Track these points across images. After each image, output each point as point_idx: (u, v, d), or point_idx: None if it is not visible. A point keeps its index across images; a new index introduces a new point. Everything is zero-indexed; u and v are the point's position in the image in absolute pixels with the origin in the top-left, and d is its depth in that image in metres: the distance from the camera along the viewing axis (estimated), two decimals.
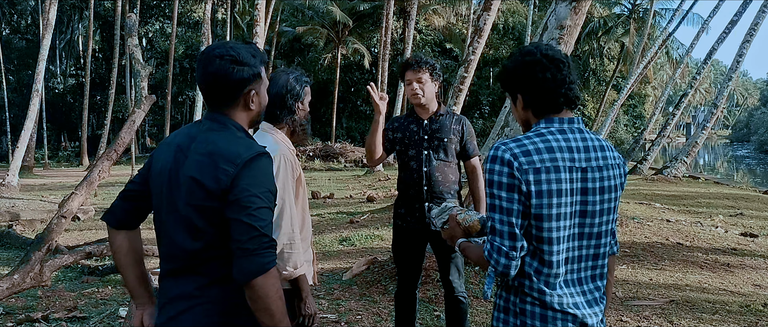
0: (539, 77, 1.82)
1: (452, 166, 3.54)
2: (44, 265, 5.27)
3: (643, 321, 4.58)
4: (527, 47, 1.89)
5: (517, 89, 1.89)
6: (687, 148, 19.61)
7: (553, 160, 1.77)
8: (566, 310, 1.79)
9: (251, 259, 1.67)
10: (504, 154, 1.77)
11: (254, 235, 1.68)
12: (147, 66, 5.62)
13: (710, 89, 69.98)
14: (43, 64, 16.58)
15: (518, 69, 1.86)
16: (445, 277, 3.56)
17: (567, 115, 1.86)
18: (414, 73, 3.49)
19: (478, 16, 8.11)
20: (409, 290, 3.64)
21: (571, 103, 1.86)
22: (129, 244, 1.97)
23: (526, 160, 1.76)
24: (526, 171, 1.75)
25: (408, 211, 3.55)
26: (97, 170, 5.31)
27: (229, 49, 1.83)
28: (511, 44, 37.03)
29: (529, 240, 1.79)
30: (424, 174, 3.48)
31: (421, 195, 3.48)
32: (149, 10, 38.69)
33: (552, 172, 1.76)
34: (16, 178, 15.73)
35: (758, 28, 16.55)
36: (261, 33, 11.40)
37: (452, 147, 3.52)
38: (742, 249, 7.21)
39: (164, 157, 1.86)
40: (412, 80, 3.49)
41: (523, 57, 1.86)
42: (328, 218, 10.71)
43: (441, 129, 3.52)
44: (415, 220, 3.52)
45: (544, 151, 1.77)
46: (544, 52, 1.84)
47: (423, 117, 3.56)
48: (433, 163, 3.49)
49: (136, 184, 1.95)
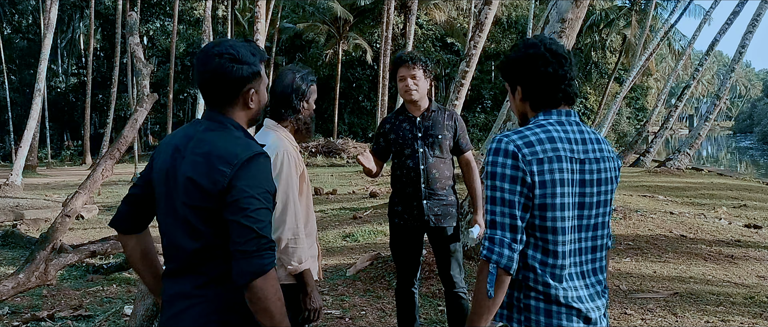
0: (541, 71, 1.82)
1: (447, 162, 3.55)
2: (49, 264, 5.29)
3: (647, 314, 4.58)
4: (531, 40, 1.88)
5: (517, 81, 1.89)
6: (690, 139, 19.57)
7: (554, 150, 1.77)
8: (570, 304, 1.79)
9: (250, 261, 1.66)
10: (508, 146, 1.76)
11: (252, 237, 1.67)
12: (148, 64, 5.62)
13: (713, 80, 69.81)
14: (44, 64, 16.59)
15: (521, 61, 1.86)
16: (446, 273, 3.56)
17: (564, 108, 1.87)
18: (408, 70, 3.47)
19: (480, 10, 8.09)
20: (409, 286, 3.65)
21: (569, 98, 1.87)
22: (140, 247, 1.98)
23: (530, 150, 1.76)
24: (530, 162, 1.75)
25: (405, 209, 3.54)
26: (101, 169, 5.32)
27: (228, 47, 1.81)
28: (513, 38, 36.96)
29: (533, 231, 1.78)
30: (422, 171, 3.48)
31: (419, 192, 3.48)
32: (150, 8, 38.67)
33: (554, 162, 1.76)
34: (20, 177, 15.76)
35: (761, 18, 16.50)
36: (262, 30, 11.37)
37: (446, 143, 3.52)
38: (746, 240, 7.20)
39: (163, 157, 1.86)
40: (406, 76, 3.47)
41: (526, 49, 1.86)
42: (331, 214, 10.72)
43: (434, 126, 3.52)
44: (412, 218, 3.52)
45: (546, 141, 1.78)
46: (547, 46, 1.84)
47: (415, 114, 3.55)
48: (429, 160, 3.49)
49: (139, 187, 1.95)
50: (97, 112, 39.21)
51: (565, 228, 1.78)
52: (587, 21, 32.27)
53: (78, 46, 43.70)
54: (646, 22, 25.50)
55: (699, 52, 45.98)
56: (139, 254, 1.98)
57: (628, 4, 33.83)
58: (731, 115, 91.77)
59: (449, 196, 3.55)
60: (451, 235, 3.54)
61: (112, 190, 16.67)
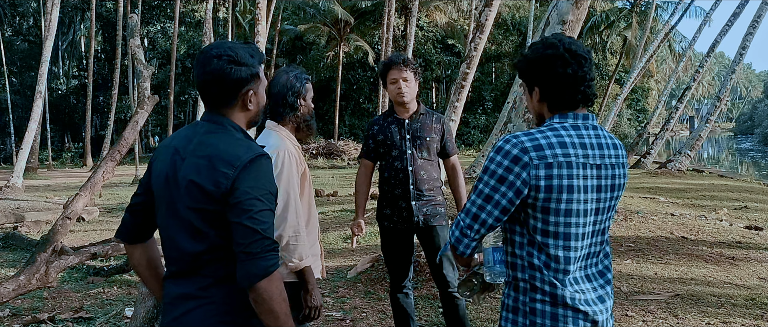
0: (560, 72, 1.78)
1: (434, 164, 3.59)
2: (50, 266, 5.28)
3: (648, 315, 4.58)
4: (550, 39, 1.83)
5: (535, 81, 1.84)
6: (691, 141, 19.55)
7: (566, 155, 1.74)
8: (577, 306, 1.77)
9: (255, 263, 1.67)
10: (512, 149, 1.74)
11: (257, 239, 1.67)
12: (149, 66, 5.62)
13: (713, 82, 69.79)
14: (45, 66, 16.61)
15: (539, 61, 1.81)
16: (438, 273, 3.56)
17: (582, 111, 1.83)
18: (399, 72, 3.49)
19: (480, 12, 8.10)
20: (401, 289, 3.67)
21: (587, 100, 1.83)
22: (146, 256, 1.98)
23: (538, 154, 1.73)
24: (538, 166, 1.72)
25: (393, 212, 3.56)
26: (101, 171, 5.32)
27: (226, 49, 1.81)
28: (514, 40, 36.98)
29: (535, 233, 1.77)
30: (410, 173, 3.50)
31: (408, 194, 3.50)
32: (151, 10, 38.73)
33: (564, 168, 1.73)
34: (21, 179, 15.77)
35: (761, 20, 16.50)
36: (263, 32, 11.37)
37: (434, 145, 3.56)
38: (747, 242, 7.19)
39: (162, 160, 1.86)
40: (398, 78, 3.49)
41: (545, 50, 1.81)
42: (332, 216, 10.70)
43: (422, 128, 3.55)
44: (401, 220, 3.54)
45: (557, 145, 1.74)
46: (566, 46, 1.79)
47: (403, 116, 3.57)
48: (417, 162, 3.51)
49: (140, 195, 1.94)
50: (97, 114, 39.26)
51: (578, 234, 1.77)
52: (588, 22, 32.26)
53: (79, 49, 43.77)
54: (647, 23, 25.54)
55: (699, 54, 46.02)
56: (146, 263, 1.98)
57: (629, 6, 33.84)
58: (732, 117, 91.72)
59: (438, 196, 3.58)
60: (442, 235, 3.55)
61: (113, 192, 16.68)
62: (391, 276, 3.70)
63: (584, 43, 33.87)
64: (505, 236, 1.87)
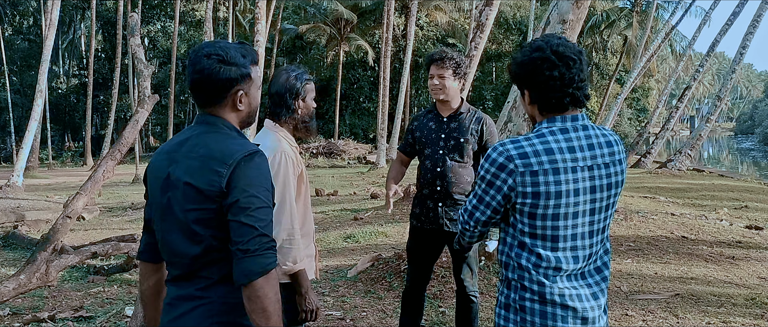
0: (546, 75, 1.77)
1: (467, 168, 3.45)
2: (50, 265, 5.29)
3: (648, 315, 4.58)
4: (538, 41, 1.82)
5: (525, 84, 1.85)
6: (691, 140, 19.56)
7: (552, 161, 1.75)
8: (566, 303, 1.79)
9: (254, 260, 1.66)
10: (498, 157, 1.80)
11: (255, 236, 1.67)
12: (149, 65, 5.61)
13: (714, 81, 69.75)
14: (46, 65, 16.59)
15: (527, 64, 1.81)
16: (458, 275, 3.53)
17: (572, 112, 1.82)
18: (436, 68, 3.41)
19: (480, 11, 8.09)
20: (419, 290, 3.59)
21: (577, 102, 1.81)
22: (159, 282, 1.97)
23: (523, 162, 1.75)
24: (523, 173, 1.75)
25: (422, 211, 3.49)
26: (102, 170, 5.32)
27: (217, 48, 1.79)
28: (514, 39, 36.97)
29: (523, 236, 1.81)
30: (438, 174, 3.41)
31: (435, 195, 3.42)
32: (151, 9, 38.72)
33: (551, 175, 1.75)
34: (21, 178, 15.76)
35: (761, 19, 16.51)
36: (263, 31, 11.36)
37: (469, 148, 3.43)
38: (747, 242, 7.19)
39: (156, 165, 1.85)
40: (435, 75, 3.41)
41: (532, 52, 1.80)
42: (332, 215, 10.71)
43: (459, 129, 3.44)
44: (428, 221, 3.47)
45: (543, 153, 1.75)
46: (554, 49, 1.77)
47: (443, 114, 3.49)
48: (447, 164, 3.41)
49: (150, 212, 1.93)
50: (98, 113, 39.25)
51: (566, 235, 1.79)
52: (588, 22, 32.25)
53: (79, 48, 43.75)
54: (647, 23, 25.52)
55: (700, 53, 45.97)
56: (156, 290, 1.97)
57: (629, 6, 33.83)
58: (732, 117, 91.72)
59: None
60: None
61: (114, 191, 16.69)
62: (410, 276, 3.61)
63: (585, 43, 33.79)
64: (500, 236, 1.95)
